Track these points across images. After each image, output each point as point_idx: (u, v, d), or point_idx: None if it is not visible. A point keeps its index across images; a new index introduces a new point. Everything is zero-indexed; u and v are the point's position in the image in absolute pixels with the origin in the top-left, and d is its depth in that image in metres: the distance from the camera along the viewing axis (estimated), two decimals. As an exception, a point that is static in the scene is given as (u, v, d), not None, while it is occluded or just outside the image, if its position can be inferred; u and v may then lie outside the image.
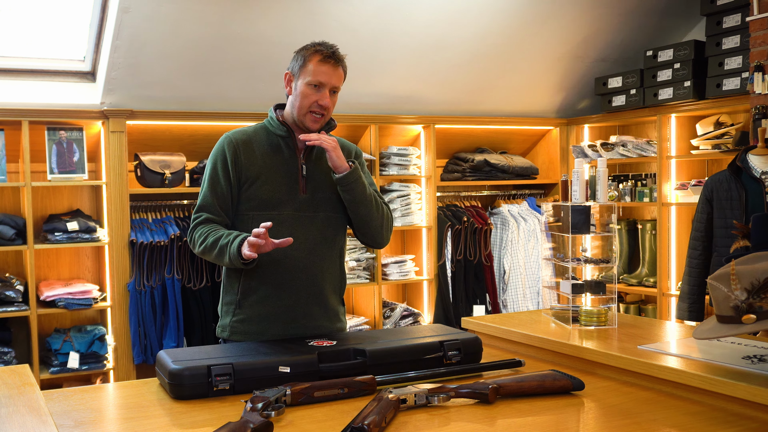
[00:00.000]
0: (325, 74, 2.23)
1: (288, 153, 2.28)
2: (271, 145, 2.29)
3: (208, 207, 2.26)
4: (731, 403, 1.66)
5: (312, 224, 2.26)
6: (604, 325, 2.29)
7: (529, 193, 5.44)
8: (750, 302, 1.64)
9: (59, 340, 4.01)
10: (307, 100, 2.23)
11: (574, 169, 2.39)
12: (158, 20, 3.72)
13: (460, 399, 1.72)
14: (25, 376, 1.90)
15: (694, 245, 3.54)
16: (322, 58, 2.22)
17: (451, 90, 4.86)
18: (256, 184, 2.24)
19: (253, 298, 2.25)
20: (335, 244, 2.33)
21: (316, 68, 2.22)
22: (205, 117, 4.25)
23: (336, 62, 2.24)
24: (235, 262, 2.12)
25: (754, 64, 3.77)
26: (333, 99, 2.27)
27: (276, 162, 2.26)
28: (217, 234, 2.19)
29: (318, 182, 2.28)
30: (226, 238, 2.15)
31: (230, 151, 2.26)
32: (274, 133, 2.30)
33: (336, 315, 2.36)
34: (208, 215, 2.25)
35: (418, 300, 5.04)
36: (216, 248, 2.16)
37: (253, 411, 1.54)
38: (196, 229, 2.25)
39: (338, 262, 2.36)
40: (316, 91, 2.23)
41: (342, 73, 2.28)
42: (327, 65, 2.23)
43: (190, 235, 2.27)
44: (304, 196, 2.26)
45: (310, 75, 2.22)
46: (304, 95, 2.23)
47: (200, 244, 2.21)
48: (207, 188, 2.27)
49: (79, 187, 4.33)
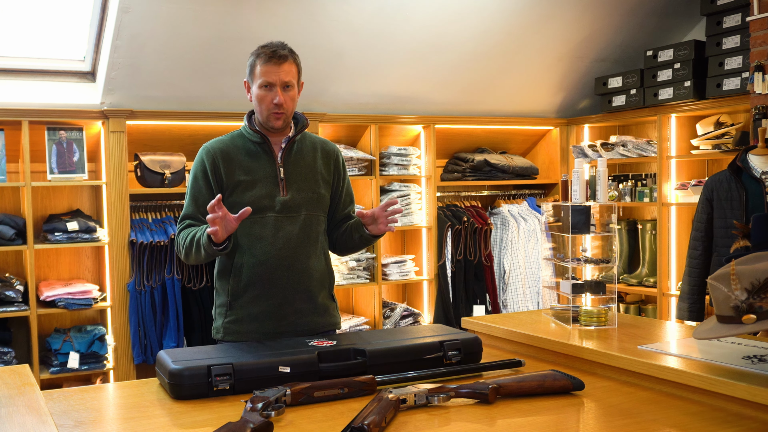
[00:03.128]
0: (272, 73, 2.29)
1: (266, 158, 2.36)
2: (248, 152, 2.37)
3: (191, 216, 2.35)
4: (731, 403, 1.66)
5: (294, 224, 2.33)
6: (604, 325, 2.29)
7: (529, 193, 5.44)
8: (750, 302, 1.64)
9: (59, 340, 4.01)
10: (263, 103, 2.32)
11: (574, 169, 2.39)
12: (158, 20, 3.72)
13: (460, 399, 1.72)
14: (25, 376, 1.90)
15: (694, 245, 3.54)
16: (265, 59, 2.29)
17: (451, 90, 4.86)
18: (237, 191, 2.33)
19: (243, 299, 2.33)
20: (318, 241, 2.40)
21: (262, 70, 2.30)
22: (205, 117, 4.25)
23: (278, 60, 2.28)
24: (208, 249, 2.19)
25: (754, 64, 3.77)
26: (289, 94, 2.32)
27: (255, 168, 2.35)
28: (192, 231, 2.28)
29: (297, 184, 2.37)
30: (199, 232, 2.24)
31: (209, 162, 2.34)
32: (250, 140, 2.38)
33: (326, 311, 2.42)
34: (191, 221, 2.34)
35: (418, 300, 5.04)
36: (193, 245, 2.25)
37: (253, 411, 1.54)
38: (179, 236, 2.34)
39: (323, 259, 2.43)
40: (268, 91, 2.30)
41: (290, 68, 2.31)
42: (270, 64, 2.29)
43: (176, 243, 2.36)
44: (285, 198, 2.33)
45: (259, 77, 2.31)
46: (259, 98, 2.32)
47: (183, 247, 2.31)
48: (189, 199, 2.36)
49: (79, 187, 4.33)
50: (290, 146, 2.38)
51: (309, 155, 2.42)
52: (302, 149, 2.41)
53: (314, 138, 2.49)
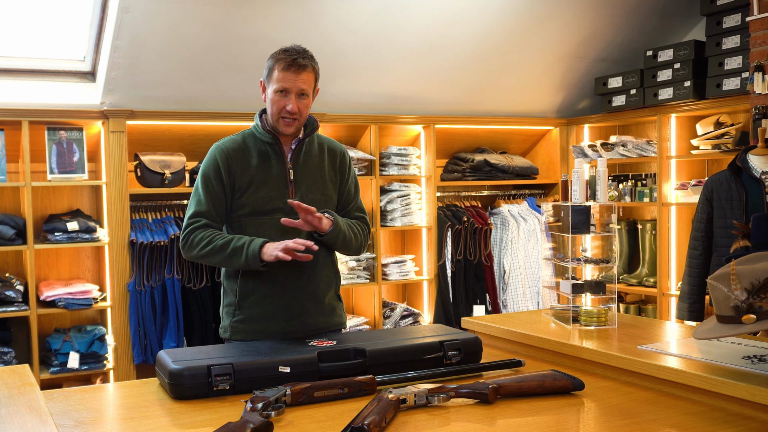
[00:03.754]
0: (289, 80, 2.29)
1: (276, 159, 2.36)
2: (260, 152, 2.37)
3: (204, 213, 2.33)
4: (731, 403, 1.66)
5: None
6: (604, 325, 2.29)
7: (529, 193, 5.44)
8: (750, 302, 1.64)
9: (59, 340, 4.01)
10: (276, 107, 2.32)
11: (574, 169, 2.39)
12: (158, 20, 3.72)
13: (460, 399, 1.72)
14: (25, 376, 1.90)
15: (694, 245, 3.54)
16: (284, 66, 2.29)
17: (451, 90, 4.86)
18: (248, 192, 2.33)
19: (251, 299, 2.34)
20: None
21: (280, 75, 2.30)
22: (205, 117, 4.25)
23: (297, 68, 2.29)
24: (252, 263, 2.22)
25: (754, 64, 3.77)
26: (303, 102, 2.32)
27: (265, 169, 2.35)
28: (226, 237, 2.29)
29: (306, 186, 2.37)
30: (239, 241, 2.26)
31: (222, 161, 2.34)
32: (261, 140, 2.38)
33: (333, 311, 2.43)
34: (206, 221, 2.33)
35: (418, 300, 5.04)
36: (227, 249, 2.25)
37: (253, 411, 1.54)
38: (195, 233, 2.32)
39: (330, 260, 2.44)
40: (283, 96, 2.31)
41: (307, 77, 2.32)
42: (288, 72, 2.29)
43: (187, 238, 2.33)
44: (294, 199, 2.32)
45: (276, 82, 2.31)
46: (273, 102, 2.33)
47: (204, 246, 2.29)
48: (202, 195, 2.34)
49: (79, 187, 4.33)
50: (300, 148, 2.39)
51: (317, 157, 2.42)
52: (311, 150, 2.42)
53: (322, 138, 2.49)
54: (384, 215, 4.81)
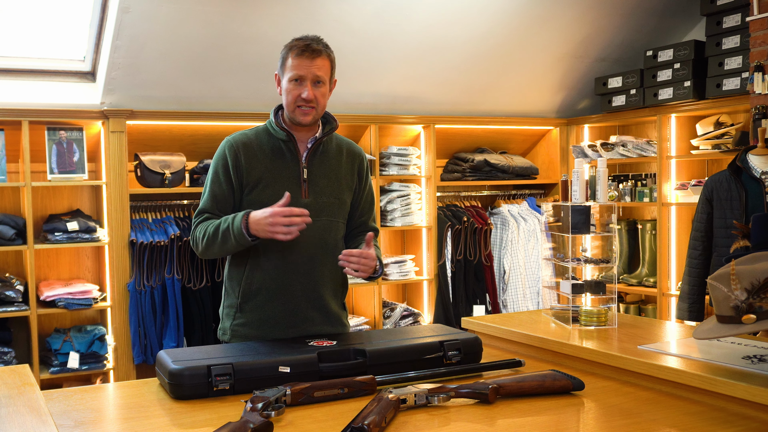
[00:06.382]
0: (303, 67, 2.20)
1: (290, 157, 2.27)
2: (272, 148, 2.27)
3: (208, 210, 2.27)
4: (731, 403, 1.66)
5: (313, 229, 2.21)
6: (604, 325, 2.29)
7: (529, 193, 5.44)
8: (750, 302, 1.64)
9: (59, 340, 4.01)
10: (291, 96, 2.22)
11: (574, 169, 2.39)
12: (158, 20, 3.72)
13: (460, 399, 1.72)
14: (25, 376, 1.90)
15: (694, 245, 3.54)
16: (298, 52, 2.21)
17: (451, 90, 4.86)
18: (257, 189, 2.24)
19: (253, 302, 2.26)
20: (336, 248, 2.30)
21: (294, 63, 2.21)
22: (205, 117, 4.25)
23: (311, 53, 2.20)
24: (240, 239, 2.12)
25: (754, 64, 3.77)
26: (320, 90, 2.23)
27: (278, 166, 2.26)
28: (215, 223, 2.20)
29: (320, 187, 2.28)
30: (225, 223, 2.17)
31: (231, 156, 2.26)
32: (275, 137, 2.29)
33: (338, 320, 2.35)
34: (209, 216, 2.27)
35: (418, 300, 5.04)
36: (218, 236, 2.17)
37: (253, 411, 1.54)
38: (197, 229, 2.26)
39: (339, 268, 2.32)
40: (298, 85, 2.21)
41: (323, 63, 2.23)
42: (302, 58, 2.20)
43: (193, 236, 2.28)
44: (306, 201, 2.24)
45: (290, 70, 2.22)
46: (288, 91, 2.23)
47: (202, 239, 2.22)
48: (209, 192, 2.28)
49: (79, 187, 4.33)
50: (316, 147, 2.29)
51: (334, 158, 2.32)
52: (328, 151, 2.32)
53: (341, 139, 2.39)
54: (384, 215, 4.81)
